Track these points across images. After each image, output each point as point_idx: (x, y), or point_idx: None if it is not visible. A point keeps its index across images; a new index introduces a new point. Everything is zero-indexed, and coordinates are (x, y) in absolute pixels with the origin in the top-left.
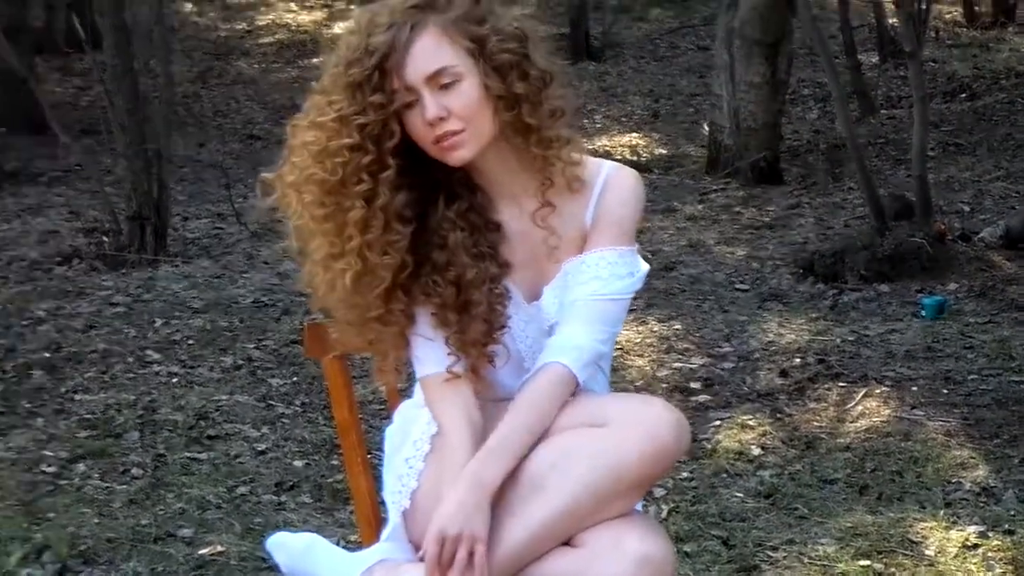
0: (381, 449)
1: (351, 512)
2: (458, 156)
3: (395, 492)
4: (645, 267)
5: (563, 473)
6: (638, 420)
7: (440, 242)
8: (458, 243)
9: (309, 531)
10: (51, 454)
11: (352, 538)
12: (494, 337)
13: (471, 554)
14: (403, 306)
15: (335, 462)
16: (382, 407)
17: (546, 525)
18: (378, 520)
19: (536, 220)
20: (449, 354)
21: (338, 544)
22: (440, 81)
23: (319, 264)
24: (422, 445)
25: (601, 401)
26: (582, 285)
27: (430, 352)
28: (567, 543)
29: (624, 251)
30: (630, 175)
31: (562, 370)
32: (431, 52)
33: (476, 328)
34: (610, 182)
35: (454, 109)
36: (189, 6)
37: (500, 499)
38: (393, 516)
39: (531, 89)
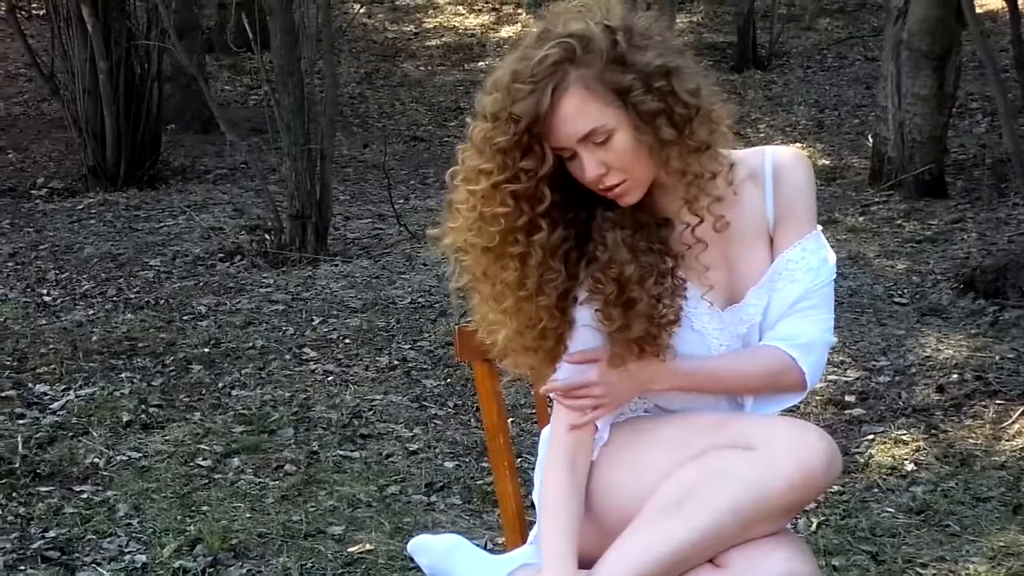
0: (535, 452)
1: (500, 515)
2: (626, 201)
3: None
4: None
5: (708, 494)
6: (789, 446)
7: (601, 240)
8: (618, 241)
9: (457, 533)
10: (207, 448)
11: (500, 541)
12: (660, 332)
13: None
14: (558, 324)
15: (485, 464)
16: (534, 411)
17: (688, 545)
18: (523, 524)
19: (712, 229)
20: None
21: (485, 547)
22: (594, 140)
23: (482, 316)
24: None
25: (752, 422)
26: (797, 282)
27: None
28: (711, 561)
29: (817, 234)
30: (796, 157)
31: (783, 355)
32: (578, 115)
33: (639, 326)
34: (780, 169)
35: (612, 163)
36: (358, 7)
37: (642, 512)
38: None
39: (676, 133)
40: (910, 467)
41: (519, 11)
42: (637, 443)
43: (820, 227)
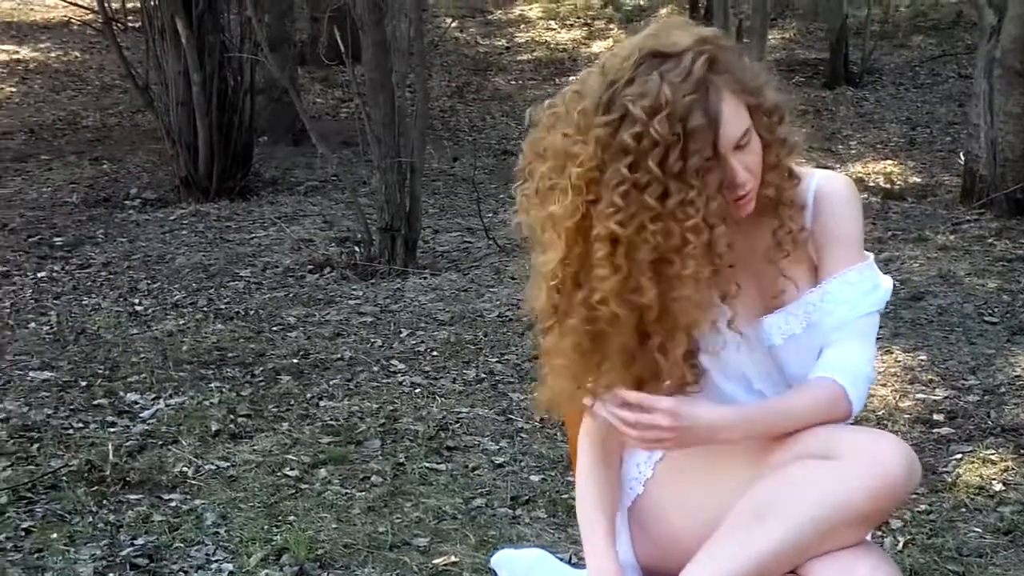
0: None
1: None
2: (748, 210)
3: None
4: (888, 280)
5: (788, 505)
6: (869, 455)
7: None
8: None
9: (541, 546)
10: (294, 458)
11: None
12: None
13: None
14: None
15: (571, 479)
16: None
17: (769, 556)
18: None
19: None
20: None
21: (569, 561)
22: (741, 143)
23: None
24: (645, 469)
25: (831, 433)
26: (829, 315)
27: None
28: (794, 572)
29: (862, 267)
30: (842, 184)
31: (835, 386)
32: (735, 116)
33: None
34: (822, 195)
35: (751, 167)
36: (450, 21)
37: (722, 526)
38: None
39: (785, 132)
40: (998, 487)
41: (611, 26)
42: (708, 457)
43: (871, 256)
